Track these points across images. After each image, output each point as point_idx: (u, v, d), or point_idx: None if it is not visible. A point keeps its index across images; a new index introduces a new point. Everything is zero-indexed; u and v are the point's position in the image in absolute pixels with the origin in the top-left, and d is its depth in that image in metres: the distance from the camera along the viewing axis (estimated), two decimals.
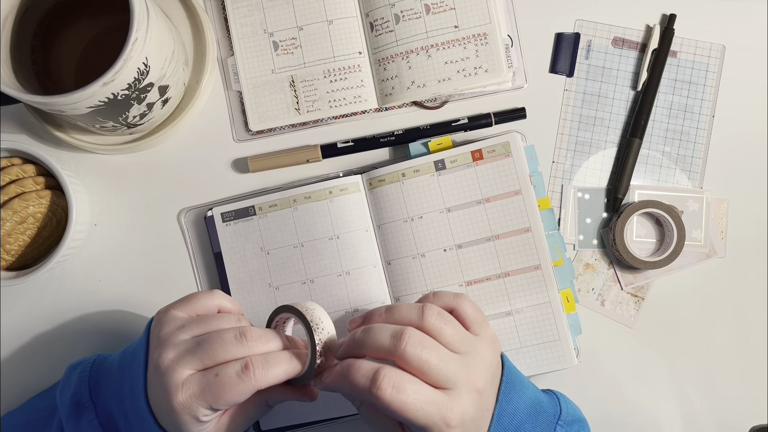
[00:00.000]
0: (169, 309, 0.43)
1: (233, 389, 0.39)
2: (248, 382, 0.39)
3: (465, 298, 0.45)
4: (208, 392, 0.39)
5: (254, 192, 0.55)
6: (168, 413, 0.40)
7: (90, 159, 0.56)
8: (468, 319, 0.44)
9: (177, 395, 0.39)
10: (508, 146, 0.53)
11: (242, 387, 0.39)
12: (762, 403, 0.54)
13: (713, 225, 0.55)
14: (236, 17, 0.55)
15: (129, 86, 0.46)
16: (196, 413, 0.39)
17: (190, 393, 0.39)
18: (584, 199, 0.56)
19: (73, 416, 0.44)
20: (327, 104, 0.55)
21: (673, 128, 0.56)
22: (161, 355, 0.40)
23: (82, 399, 0.44)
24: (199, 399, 0.39)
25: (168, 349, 0.40)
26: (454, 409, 0.39)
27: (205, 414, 0.39)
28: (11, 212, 0.51)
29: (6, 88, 0.44)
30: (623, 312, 0.55)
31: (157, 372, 0.40)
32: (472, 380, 0.41)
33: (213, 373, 0.39)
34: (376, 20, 0.55)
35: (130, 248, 0.56)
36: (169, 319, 0.42)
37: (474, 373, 0.41)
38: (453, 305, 0.44)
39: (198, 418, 0.39)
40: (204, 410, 0.39)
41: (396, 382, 0.38)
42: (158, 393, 0.40)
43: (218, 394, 0.39)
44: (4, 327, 0.55)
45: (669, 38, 0.55)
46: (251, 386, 0.39)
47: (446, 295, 0.45)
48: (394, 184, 0.53)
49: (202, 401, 0.39)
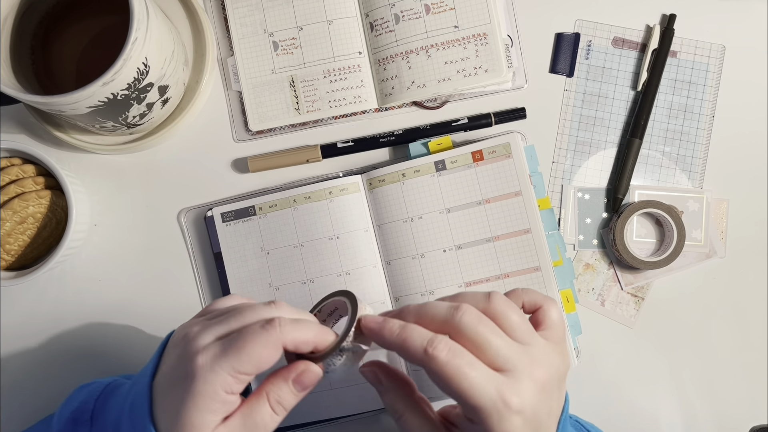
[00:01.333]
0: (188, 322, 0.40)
1: (256, 339, 0.35)
2: (272, 331, 0.35)
3: (555, 303, 0.41)
4: (229, 347, 0.35)
5: (254, 192, 0.55)
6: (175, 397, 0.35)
7: (90, 159, 0.56)
8: (548, 323, 0.41)
9: (198, 357, 0.35)
10: (508, 147, 0.53)
11: (265, 336, 0.35)
12: (762, 404, 0.54)
13: (713, 225, 0.55)
14: (236, 17, 0.55)
15: (129, 86, 0.46)
16: (215, 379, 0.34)
17: (212, 352, 0.35)
18: (584, 199, 0.56)
19: None
20: (327, 104, 0.55)
21: (673, 128, 0.56)
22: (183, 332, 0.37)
23: (82, 416, 0.41)
24: (219, 358, 0.35)
25: (190, 327, 0.37)
26: (515, 390, 0.35)
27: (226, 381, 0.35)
28: (11, 212, 0.51)
29: (6, 88, 0.44)
30: (623, 312, 0.55)
31: (175, 349, 0.37)
32: (534, 369, 0.37)
33: (236, 332, 0.36)
34: (376, 20, 0.55)
35: (130, 248, 0.56)
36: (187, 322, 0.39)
37: (537, 363, 0.37)
38: (541, 303, 0.41)
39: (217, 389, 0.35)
40: (226, 376, 0.35)
41: (453, 347, 0.35)
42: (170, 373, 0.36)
43: (240, 346, 0.35)
44: (4, 327, 0.55)
45: (669, 38, 0.55)
46: (275, 335, 0.35)
47: (536, 293, 0.42)
48: (394, 184, 0.53)
49: (223, 361, 0.34)
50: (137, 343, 0.55)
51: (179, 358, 0.36)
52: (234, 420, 0.36)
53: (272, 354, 0.36)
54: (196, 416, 0.35)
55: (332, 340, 0.38)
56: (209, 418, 0.35)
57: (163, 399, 0.36)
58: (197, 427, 0.35)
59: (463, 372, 0.35)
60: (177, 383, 0.36)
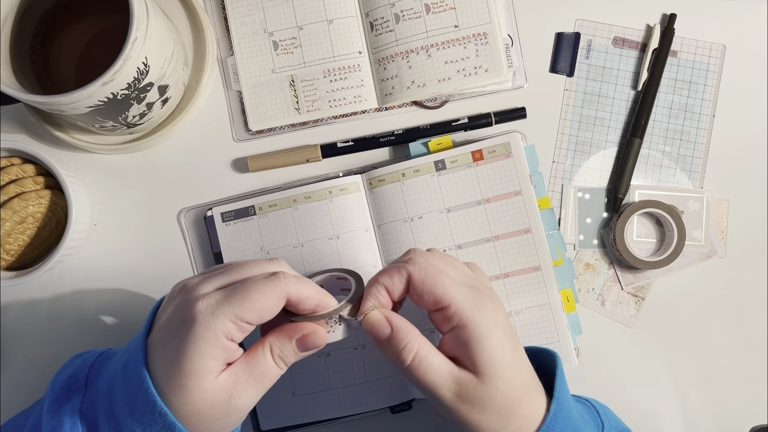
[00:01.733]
0: None
1: (261, 288, 0.35)
2: (276, 281, 0.35)
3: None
4: (231, 294, 0.35)
5: (254, 192, 0.55)
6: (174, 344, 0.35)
7: (90, 159, 0.56)
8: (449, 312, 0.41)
9: (198, 303, 0.35)
10: (508, 147, 0.53)
11: (270, 286, 0.35)
12: (762, 404, 0.54)
13: (714, 225, 0.55)
14: (236, 17, 0.55)
15: (128, 86, 0.46)
16: (216, 324, 0.34)
17: (213, 299, 0.35)
18: (584, 198, 0.55)
19: (59, 400, 0.40)
20: (327, 104, 0.55)
21: (673, 128, 0.56)
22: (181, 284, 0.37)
23: (77, 383, 0.40)
24: (221, 304, 0.34)
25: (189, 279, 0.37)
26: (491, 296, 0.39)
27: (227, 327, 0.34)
28: (11, 212, 0.51)
29: (6, 88, 0.44)
30: (623, 312, 0.55)
31: (172, 299, 0.36)
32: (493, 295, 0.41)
33: (240, 282, 0.36)
34: (376, 20, 0.55)
35: (130, 248, 0.56)
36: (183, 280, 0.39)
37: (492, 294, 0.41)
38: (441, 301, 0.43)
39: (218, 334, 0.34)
40: (227, 322, 0.34)
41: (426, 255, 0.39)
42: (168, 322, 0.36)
43: (244, 294, 0.35)
44: (4, 327, 0.55)
45: (669, 38, 0.55)
46: (279, 286, 0.35)
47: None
48: (394, 184, 0.53)
49: (225, 306, 0.34)
50: None
51: (177, 307, 0.36)
52: (237, 366, 0.36)
53: (275, 304, 0.35)
54: (197, 361, 0.34)
55: (333, 304, 0.39)
56: (211, 364, 0.35)
57: (161, 350, 0.36)
58: (199, 372, 0.34)
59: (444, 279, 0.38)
60: (175, 331, 0.35)
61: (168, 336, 0.36)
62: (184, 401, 0.35)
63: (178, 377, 0.34)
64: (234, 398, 0.36)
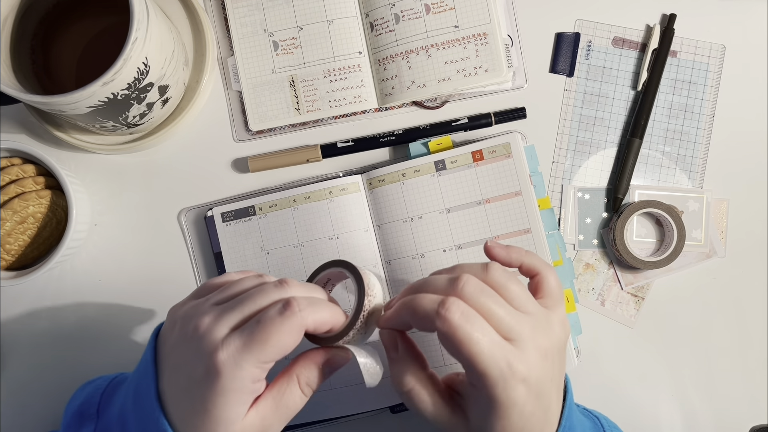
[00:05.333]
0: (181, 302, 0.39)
1: (279, 328, 0.34)
2: (293, 317, 0.35)
3: (553, 270, 0.42)
4: (251, 341, 0.34)
5: (254, 192, 0.55)
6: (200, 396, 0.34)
7: (90, 159, 0.56)
8: (546, 291, 0.41)
9: (218, 354, 0.34)
10: (508, 147, 0.53)
11: (288, 324, 0.34)
12: (762, 404, 0.54)
13: (713, 225, 0.55)
14: (236, 17, 0.55)
15: (129, 86, 0.46)
16: (243, 375, 0.34)
17: (233, 348, 0.34)
18: (584, 199, 0.56)
19: (72, 427, 0.40)
20: (327, 104, 0.55)
21: (673, 128, 0.56)
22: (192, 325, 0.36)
23: (89, 410, 0.41)
24: (243, 352, 0.34)
25: (199, 317, 0.36)
26: (521, 359, 0.35)
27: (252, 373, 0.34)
28: (11, 212, 0.51)
29: (6, 88, 0.44)
30: (623, 312, 0.55)
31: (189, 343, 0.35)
32: (538, 338, 0.36)
33: (254, 321, 0.35)
34: (376, 20, 0.55)
35: (130, 248, 0.56)
36: (183, 304, 0.38)
37: (539, 332, 0.37)
38: (539, 270, 0.41)
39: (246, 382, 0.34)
40: (253, 369, 0.34)
41: (465, 310, 0.35)
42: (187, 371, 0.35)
43: (264, 338, 0.34)
44: (4, 327, 0.55)
45: (669, 38, 0.55)
46: (297, 322, 0.35)
47: (535, 257, 0.42)
48: (394, 184, 0.53)
49: (247, 354, 0.34)
50: (137, 343, 0.55)
51: (195, 356, 0.35)
52: (265, 403, 0.37)
53: (295, 339, 0.35)
54: (228, 410, 0.35)
55: (344, 319, 0.38)
56: (240, 410, 0.35)
57: (183, 398, 0.36)
58: (229, 419, 0.35)
59: (474, 337, 0.34)
60: (199, 382, 0.35)
61: (190, 385, 0.35)
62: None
63: (209, 425, 0.35)
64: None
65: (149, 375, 0.37)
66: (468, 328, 0.35)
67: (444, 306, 0.35)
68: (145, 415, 0.36)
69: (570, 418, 0.40)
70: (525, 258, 0.41)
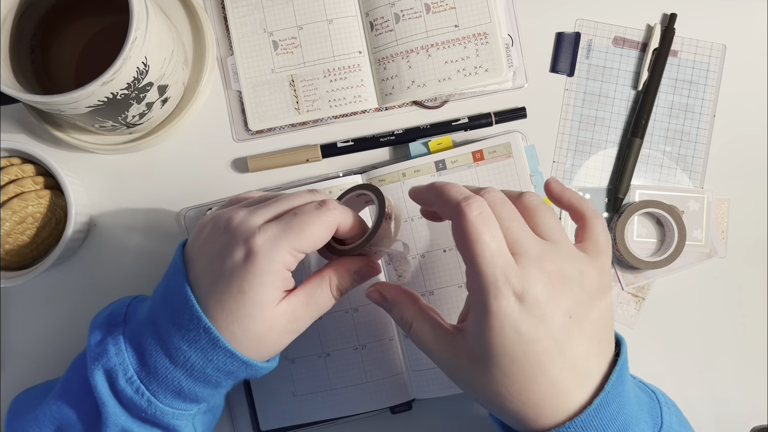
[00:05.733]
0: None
1: (315, 220, 0.37)
2: (328, 212, 0.38)
3: (603, 219, 0.40)
4: (289, 229, 0.37)
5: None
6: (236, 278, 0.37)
7: (90, 159, 0.56)
8: (588, 236, 0.40)
9: (255, 239, 0.37)
10: (509, 147, 0.53)
11: (323, 218, 0.38)
12: (762, 404, 0.54)
13: (714, 225, 0.55)
14: (236, 17, 0.55)
15: (128, 86, 0.46)
16: (278, 258, 0.37)
17: (270, 234, 0.37)
18: (585, 198, 0.55)
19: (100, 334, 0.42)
20: (327, 104, 0.55)
21: (673, 128, 0.56)
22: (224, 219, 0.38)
23: (116, 319, 0.43)
24: (280, 238, 0.37)
25: (233, 212, 0.39)
26: (517, 272, 0.35)
27: (286, 259, 0.37)
28: (10, 212, 0.51)
29: (5, 88, 0.44)
30: (624, 312, 0.55)
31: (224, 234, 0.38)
32: (546, 262, 0.36)
33: (291, 213, 0.38)
34: (376, 19, 0.55)
35: (129, 248, 0.56)
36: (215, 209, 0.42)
37: (551, 257, 0.36)
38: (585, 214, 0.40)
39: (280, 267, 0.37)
40: (287, 254, 0.37)
41: (484, 211, 0.36)
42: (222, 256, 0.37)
43: (300, 227, 0.37)
44: (4, 327, 0.55)
45: (670, 38, 0.55)
46: (331, 216, 0.38)
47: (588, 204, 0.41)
48: (395, 184, 0.53)
49: (284, 240, 0.37)
50: None
51: (231, 241, 0.37)
52: (298, 297, 0.39)
53: (328, 234, 0.38)
54: (262, 292, 0.37)
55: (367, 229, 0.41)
56: (273, 294, 0.38)
57: (218, 282, 0.38)
58: (263, 302, 0.37)
59: (482, 238, 0.35)
60: (236, 265, 0.37)
61: (225, 269, 0.37)
62: (247, 328, 0.37)
63: (243, 308, 0.37)
64: (291, 323, 0.39)
65: (179, 272, 0.39)
66: (480, 227, 0.35)
67: (467, 201, 0.36)
68: (176, 309, 0.38)
69: (620, 384, 0.37)
70: (575, 199, 0.41)
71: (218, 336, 0.37)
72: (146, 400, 0.39)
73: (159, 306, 0.40)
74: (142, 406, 0.39)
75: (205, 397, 0.41)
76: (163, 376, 0.39)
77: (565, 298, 0.36)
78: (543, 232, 0.38)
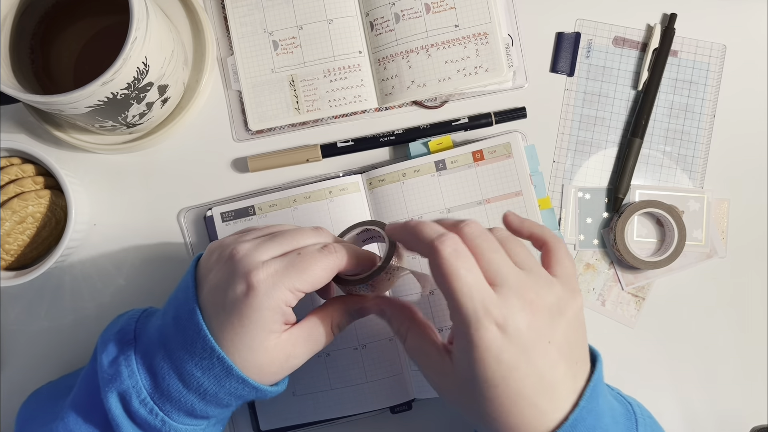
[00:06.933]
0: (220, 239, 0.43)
1: (318, 262, 0.38)
2: (330, 255, 0.39)
3: (563, 242, 0.41)
4: (291, 268, 0.38)
5: (254, 192, 0.55)
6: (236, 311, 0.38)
7: (89, 159, 0.56)
8: (554, 260, 0.40)
9: (257, 273, 0.37)
10: (509, 147, 0.53)
11: (326, 260, 0.39)
12: (762, 404, 0.54)
13: (714, 225, 0.55)
14: (236, 16, 0.55)
15: (128, 85, 0.46)
16: (277, 295, 0.37)
17: (272, 270, 0.38)
18: (585, 198, 0.55)
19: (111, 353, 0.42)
20: (327, 104, 0.55)
21: (673, 128, 0.56)
22: (229, 250, 0.39)
23: (126, 336, 0.43)
24: (282, 276, 0.38)
25: (240, 244, 0.39)
26: (497, 303, 0.35)
27: (286, 297, 0.38)
28: (10, 212, 0.51)
29: (5, 88, 0.44)
30: (624, 312, 0.55)
31: (227, 265, 0.39)
32: (526, 291, 0.36)
33: (294, 253, 0.39)
34: (376, 19, 0.55)
35: (129, 248, 0.55)
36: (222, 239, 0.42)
37: (531, 286, 0.37)
38: (546, 240, 0.41)
39: (280, 303, 0.38)
40: (287, 292, 0.38)
41: (458, 247, 0.36)
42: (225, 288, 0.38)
43: (303, 267, 0.38)
44: (3, 327, 0.55)
45: (670, 38, 0.55)
46: (334, 259, 0.39)
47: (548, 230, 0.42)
48: (395, 184, 0.53)
49: (285, 279, 0.38)
50: None
51: (234, 273, 0.38)
52: (299, 331, 0.40)
53: (328, 276, 0.39)
54: (262, 326, 0.38)
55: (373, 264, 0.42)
56: (273, 327, 0.39)
57: (220, 312, 0.39)
58: (262, 335, 0.38)
59: (458, 273, 0.36)
60: (237, 298, 0.38)
61: (227, 301, 0.38)
62: (247, 358, 0.38)
63: (244, 339, 0.38)
64: (291, 357, 0.40)
65: (190, 295, 0.40)
66: (455, 263, 0.36)
67: (441, 239, 0.37)
68: (189, 336, 0.39)
69: (594, 398, 0.38)
70: (535, 228, 0.42)
71: (232, 365, 0.38)
72: (160, 420, 0.40)
73: (170, 328, 0.41)
74: (156, 425, 0.40)
75: (216, 414, 0.42)
76: (177, 399, 0.40)
77: (545, 325, 0.37)
78: (517, 263, 0.38)
